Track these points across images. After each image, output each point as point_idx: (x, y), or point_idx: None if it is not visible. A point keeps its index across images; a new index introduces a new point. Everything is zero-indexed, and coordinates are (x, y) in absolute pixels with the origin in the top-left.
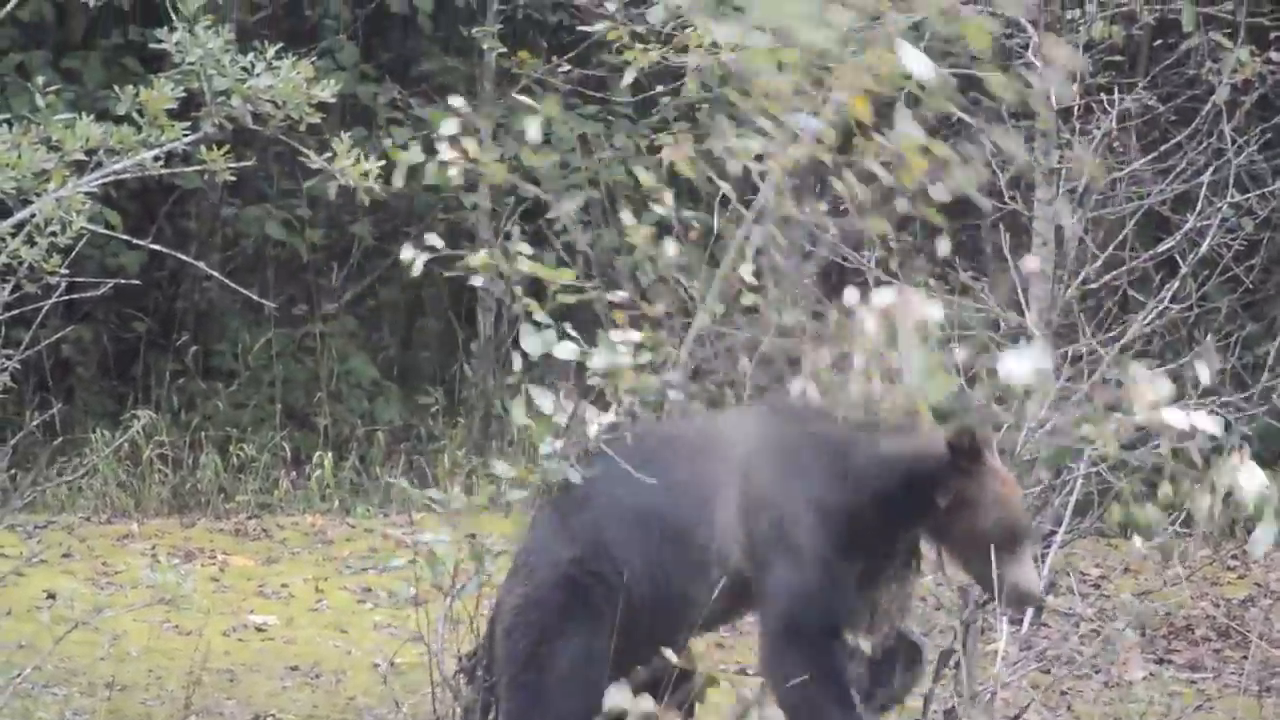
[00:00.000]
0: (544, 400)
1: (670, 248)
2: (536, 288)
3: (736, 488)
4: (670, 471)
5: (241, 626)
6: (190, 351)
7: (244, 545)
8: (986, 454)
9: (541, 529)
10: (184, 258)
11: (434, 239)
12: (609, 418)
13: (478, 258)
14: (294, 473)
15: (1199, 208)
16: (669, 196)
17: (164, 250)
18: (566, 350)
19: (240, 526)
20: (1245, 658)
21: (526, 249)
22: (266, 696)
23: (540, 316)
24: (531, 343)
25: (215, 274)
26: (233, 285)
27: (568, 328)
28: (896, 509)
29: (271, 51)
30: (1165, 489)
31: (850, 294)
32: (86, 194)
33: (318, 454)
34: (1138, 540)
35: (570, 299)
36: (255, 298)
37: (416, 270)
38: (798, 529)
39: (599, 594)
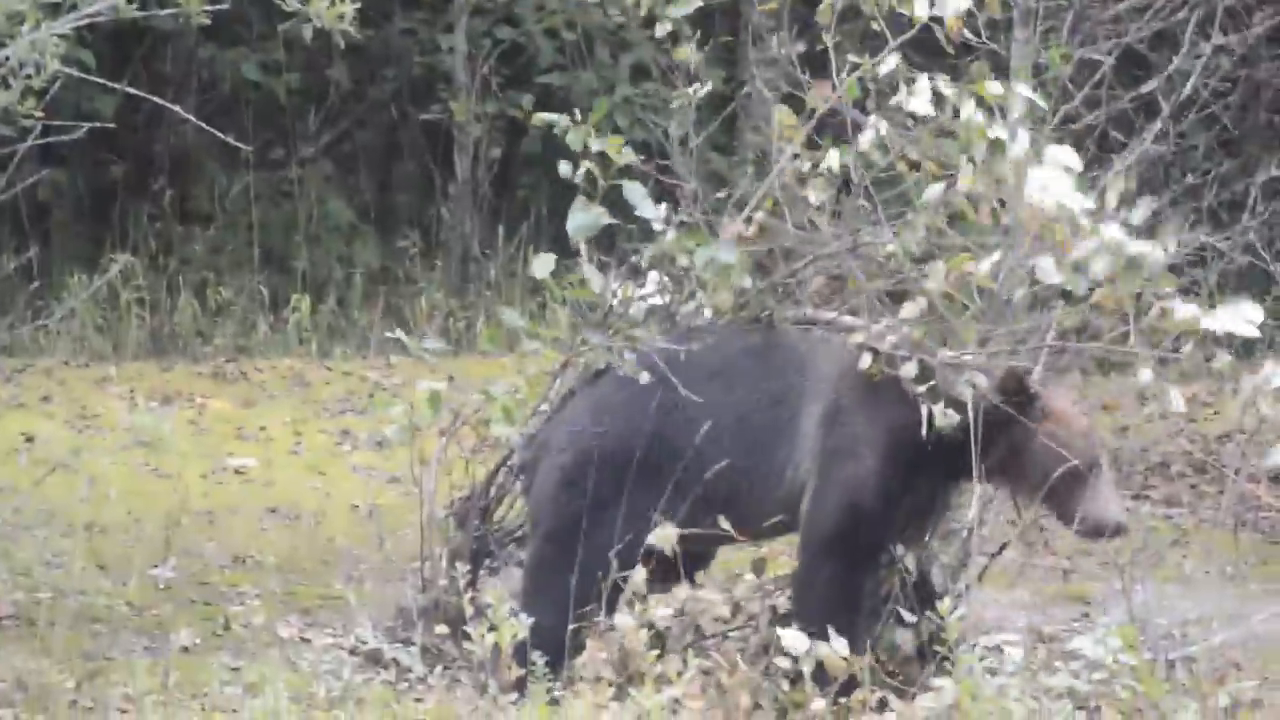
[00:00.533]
0: (594, 277)
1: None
2: (512, 134)
3: (822, 403)
4: (759, 381)
5: (220, 469)
6: (167, 195)
7: (222, 388)
8: (1039, 395)
9: (606, 399)
10: (160, 101)
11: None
12: (653, 299)
13: (457, 104)
14: (271, 316)
15: (1182, 49)
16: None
17: (139, 94)
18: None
19: (218, 370)
20: (1221, 493)
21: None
22: (245, 538)
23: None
24: (578, 221)
25: (191, 118)
26: (209, 129)
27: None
28: (954, 450)
29: None
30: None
31: None
32: (60, 36)
33: (295, 297)
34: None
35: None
36: (232, 141)
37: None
38: (867, 448)
39: (664, 475)
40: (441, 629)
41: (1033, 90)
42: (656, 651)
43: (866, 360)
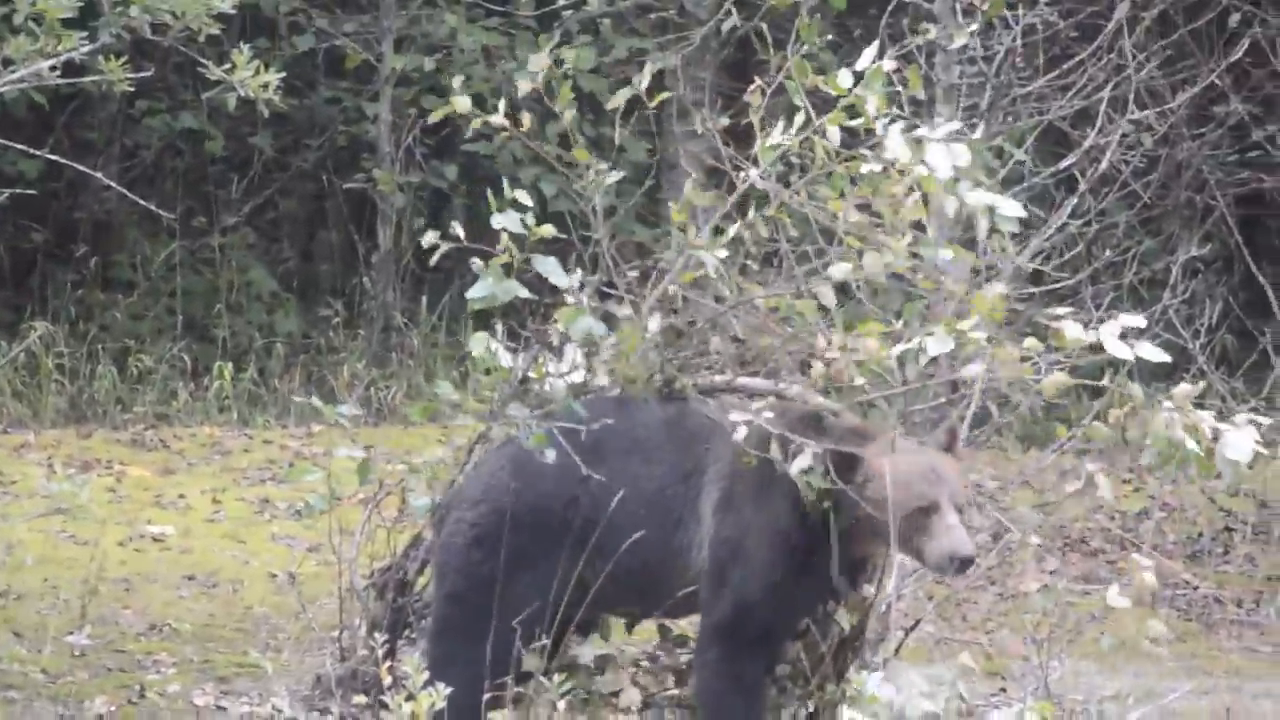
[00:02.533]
0: (501, 353)
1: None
2: (438, 203)
3: (719, 487)
4: (673, 455)
5: (138, 536)
6: (89, 262)
7: (141, 456)
8: (867, 459)
9: (526, 457)
10: (82, 168)
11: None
12: (575, 376)
13: (380, 174)
14: (192, 384)
15: (1099, 124)
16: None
17: (62, 160)
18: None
19: (138, 437)
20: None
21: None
22: (163, 605)
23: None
24: (483, 290)
25: (114, 184)
26: (131, 196)
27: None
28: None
29: None
30: (1115, 413)
31: None
32: None
33: (216, 365)
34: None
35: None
36: (154, 209)
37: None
38: (754, 540)
39: (576, 540)
40: (359, 699)
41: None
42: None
43: (741, 435)
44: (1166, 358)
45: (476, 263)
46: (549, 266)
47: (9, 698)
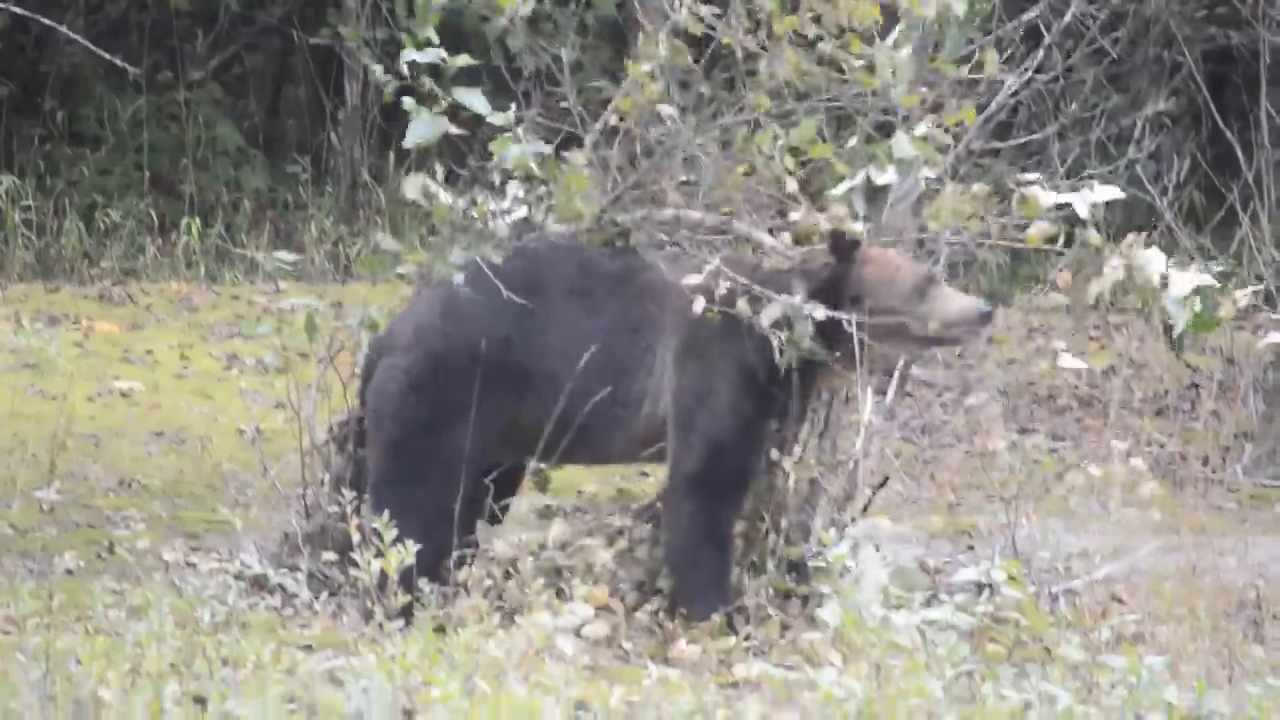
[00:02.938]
0: (440, 192)
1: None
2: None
3: (678, 337)
4: (619, 308)
5: (106, 392)
6: (56, 117)
7: (109, 311)
8: (858, 243)
9: (455, 299)
10: (48, 21)
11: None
12: (519, 213)
13: (347, 29)
14: (159, 239)
15: None
16: None
17: (27, 14)
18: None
19: (105, 292)
20: (1106, 426)
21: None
22: (132, 461)
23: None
24: (417, 130)
25: (79, 38)
26: (97, 50)
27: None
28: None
29: None
30: (1064, 276)
31: None
32: None
33: (184, 220)
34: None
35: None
36: (120, 63)
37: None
38: (721, 382)
39: (510, 386)
40: (328, 555)
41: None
42: (542, 580)
43: (699, 306)
44: (1120, 194)
45: (408, 101)
46: (470, 97)
47: None
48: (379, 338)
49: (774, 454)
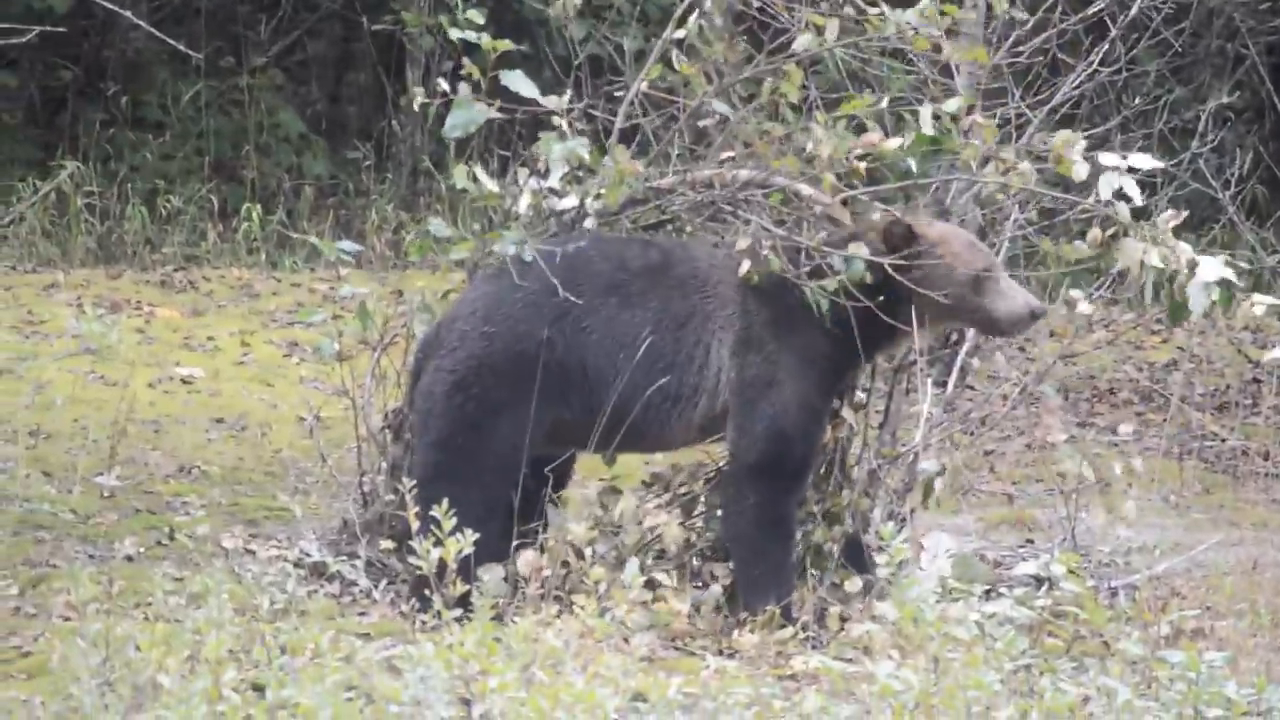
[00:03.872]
0: (485, 180)
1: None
2: (467, 46)
3: (733, 332)
4: (660, 301)
5: (167, 378)
6: (119, 101)
7: (170, 297)
8: (918, 228)
9: (500, 299)
10: (111, 5)
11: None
12: (568, 202)
13: (409, 15)
14: (221, 226)
15: None
16: None
17: None
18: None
19: (166, 278)
20: (1166, 421)
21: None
22: (192, 448)
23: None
24: (458, 118)
25: (143, 24)
26: (160, 35)
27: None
28: (876, 322)
29: None
30: (1093, 232)
31: None
32: None
33: (245, 207)
34: (1073, 294)
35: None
36: (183, 49)
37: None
38: (785, 373)
39: (554, 385)
40: (386, 543)
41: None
42: (601, 569)
43: (745, 267)
44: (1160, 164)
45: (444, 87)
46: (515, 80)
47: (39, 537)
48: (426, 339)
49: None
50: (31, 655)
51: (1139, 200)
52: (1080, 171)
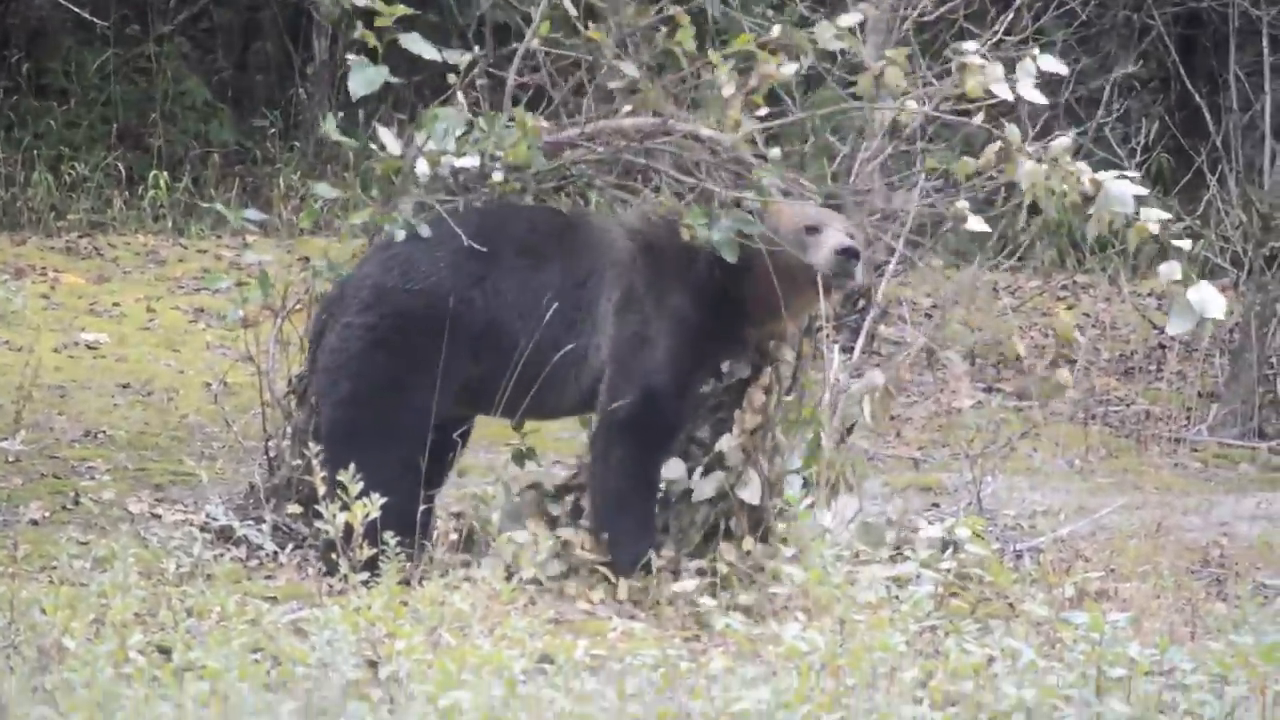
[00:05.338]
0: (388, 139)
1: None
2: (371, 13)
3: (619, 289)
4: (565, 262)
5: (72, 343)
6: (23, 69)
7: (76, 263)
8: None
9: (411, 257)
10: None
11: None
12: (467, 161)
13: None
14: (127, 192)
15: None
16: None
17: None
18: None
19: (72, 245)
20: (1072, 386)
21: None
22: (98, 413)
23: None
24: (358, 79)
25: None
26: (64, 2)
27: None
28: (734, 287)
29: None
30: (987, 150)
31: None
32: None
33: (151, 174)
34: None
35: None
36: (88, 16)
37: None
38: (657, 333)
39: (468, 343)
40: (293, 508)
41: None
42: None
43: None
44: (1043, 99)
45: (350, 58)
46: (414, 42)
47: None
48: (330, 298)
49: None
50: None
51: (1043, 100)
52: (986, 82)
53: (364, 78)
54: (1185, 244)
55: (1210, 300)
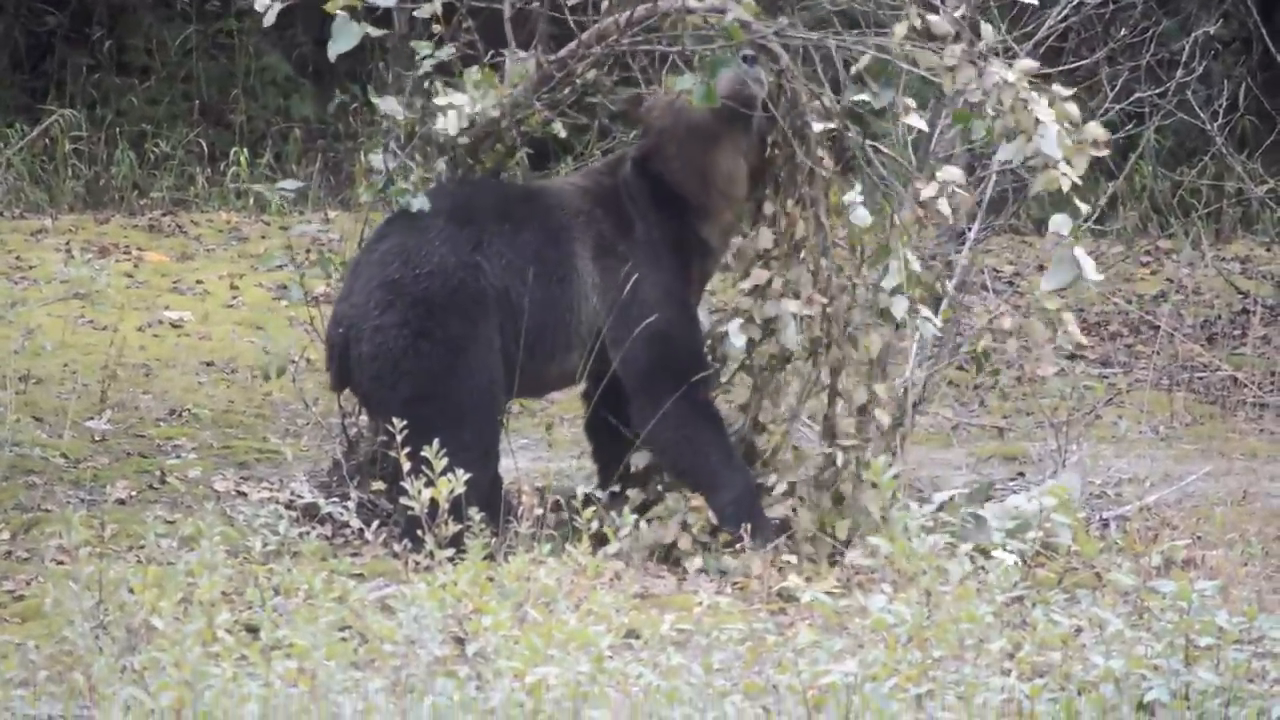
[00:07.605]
0: (384, 104)
1: None
2: None
3: (590, 239)
4: (538, 221)
5: (157, 322)
6: (105, 46)
7: (159, 241)
8: (644, 106)
9: (414, 245)
10: None
11: None
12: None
13: None
14: (209, 169)
15: None
16: None
17: None
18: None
19: (155, 222)
20: (1156, 353)
21: None
22: (182, 391)
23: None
24: (337, 38)
25: None
26: None
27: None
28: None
29: None
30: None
31: None
32: None
33: (233, 150)
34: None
35: None
36: None
37: (269, 20)
38: (639, 267)
39: (497, 307)
40: (377, 485)
41: None
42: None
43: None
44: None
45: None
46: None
47: (30, 482)
48: (340, 315)
49: None
50: (25, 599)
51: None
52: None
53: (342, 37)
54: (1085, 208)
55: (1086, 263)
